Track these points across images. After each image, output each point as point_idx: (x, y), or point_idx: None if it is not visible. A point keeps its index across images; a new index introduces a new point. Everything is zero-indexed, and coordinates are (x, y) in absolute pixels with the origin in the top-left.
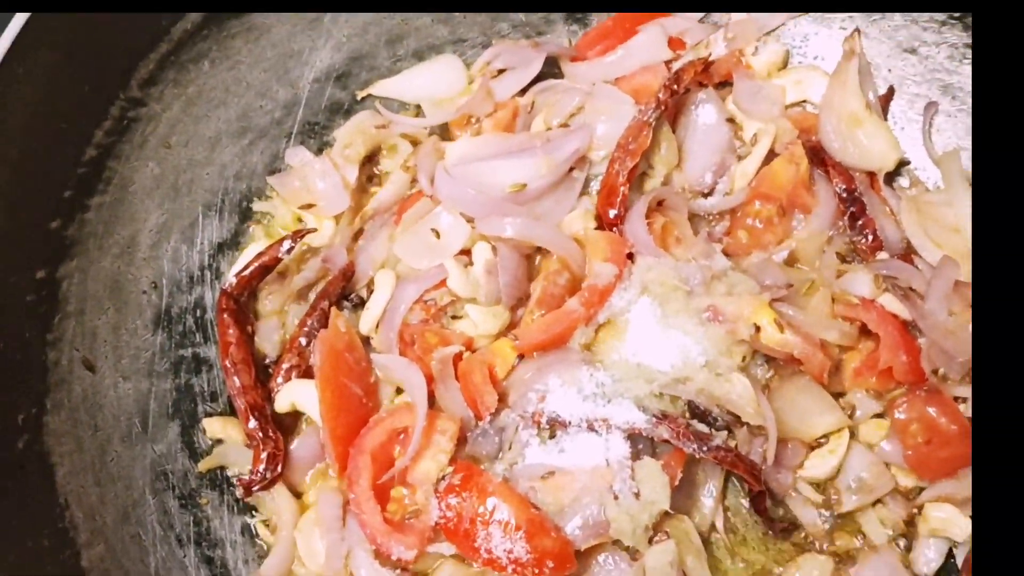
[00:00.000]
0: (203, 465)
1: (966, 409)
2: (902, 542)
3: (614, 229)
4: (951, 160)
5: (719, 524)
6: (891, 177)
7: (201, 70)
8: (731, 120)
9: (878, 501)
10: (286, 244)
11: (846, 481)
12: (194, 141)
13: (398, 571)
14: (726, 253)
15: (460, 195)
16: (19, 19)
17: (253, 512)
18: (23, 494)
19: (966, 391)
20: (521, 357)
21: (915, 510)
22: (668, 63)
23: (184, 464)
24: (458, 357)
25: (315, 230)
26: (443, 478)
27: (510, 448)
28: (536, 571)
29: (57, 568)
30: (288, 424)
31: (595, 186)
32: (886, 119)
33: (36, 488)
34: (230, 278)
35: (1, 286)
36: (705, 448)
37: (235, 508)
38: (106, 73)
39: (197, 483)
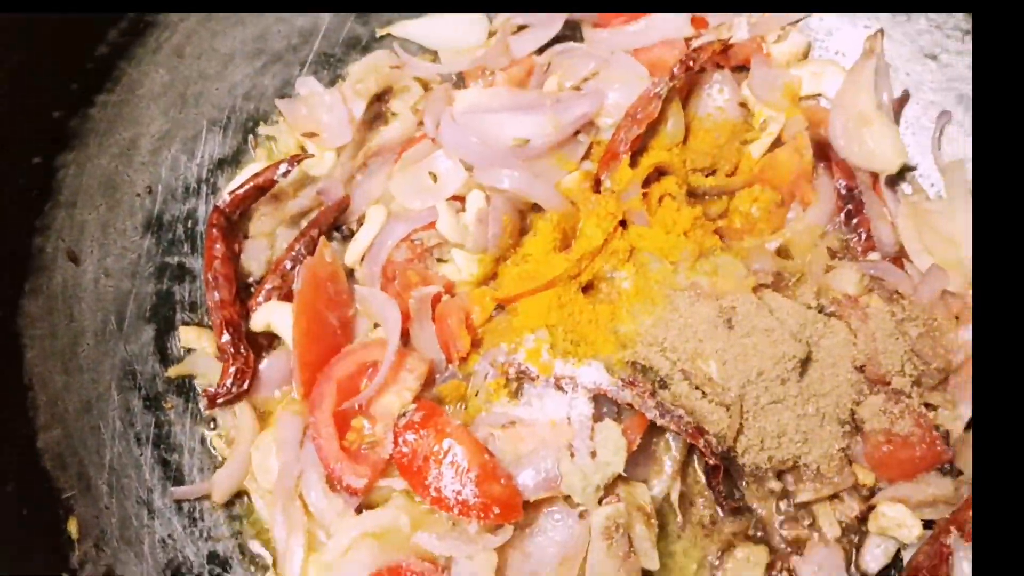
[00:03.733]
0: (172, 371)
1: (935, 416)
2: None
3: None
4: (956, 170)
5: (673, 498)
6: (894, 181)
7: None
8: (743, 104)
9: (835, 495)
10: (283, 167)
11: (806, 472)
12: (207, 55)
13: (347, 497)
14: (718, 234)
15: (463, 142)
16: None
17: (213, 423)
18: None
19: (938, 398)
20: (500, 307)
21: (869, 508)
22: (688, 40)
23: (154, 367)
24: (437, 299)
25: (312, 156)
26: (404, 414)
27: (476, 395)
28: (481, 515)
29: (10, 444)
30: (261, 344)
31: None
32: (898, 122)
33: (1, 365)
34: (224, 195)
35: None
36: (667, 416)
37: (198, 417)
38: None
39: (164, 387)
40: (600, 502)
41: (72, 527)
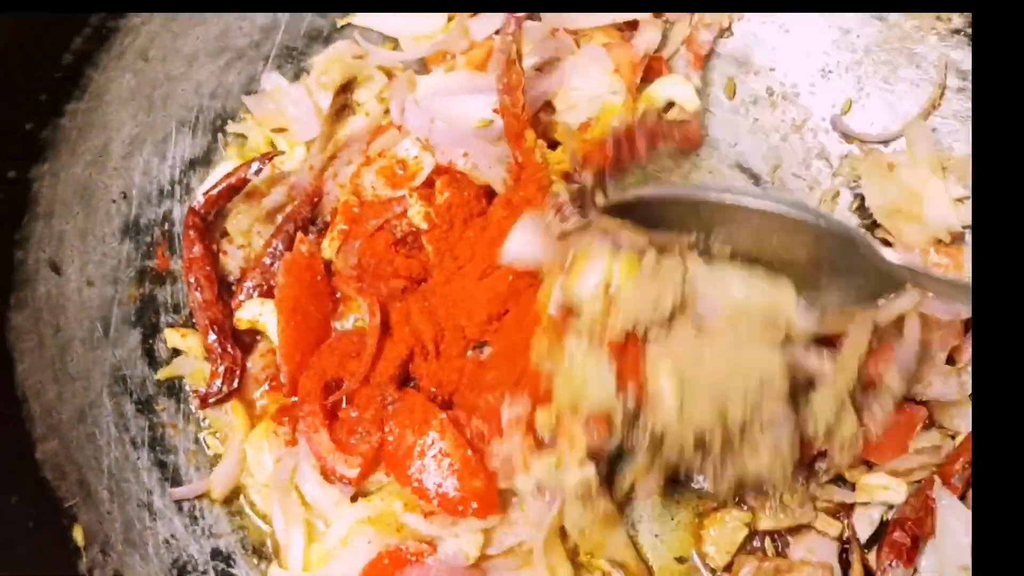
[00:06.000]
0: (162, 374)
1: None
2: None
3: None
4: (916, 127)
5: None
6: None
7: None
8: None
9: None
10: (254, 166)
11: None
12: (172, 56)
13: (342, 486)
14: None
15: (427, 126)
16: None
17: (206, 423)
18: None
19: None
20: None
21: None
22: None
23: (143, 371)
24: (409, 288)
25: (283, 153)
26: (390, 403)
27: None
28: (460, 508)
29: (11, 455)
30: (247, 341)
31: None
32: None
33: None
34: (199, 196)
35: None
36: None
37: (190, 418)
38: None
39: (155, 390)
40: None
41: (78, 535)
